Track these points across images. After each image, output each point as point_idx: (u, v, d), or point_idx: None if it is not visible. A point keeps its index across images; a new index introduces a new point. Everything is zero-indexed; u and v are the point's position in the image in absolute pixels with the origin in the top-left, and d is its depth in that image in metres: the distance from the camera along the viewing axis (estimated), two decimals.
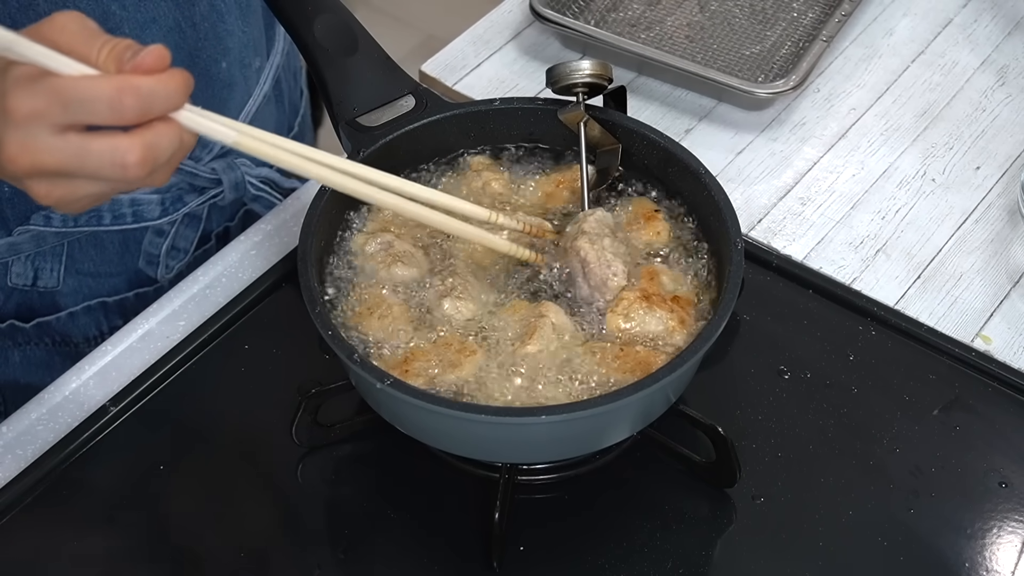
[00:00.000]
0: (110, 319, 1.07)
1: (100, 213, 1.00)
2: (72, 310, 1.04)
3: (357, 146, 0.87)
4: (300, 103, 1.24)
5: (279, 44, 1.13)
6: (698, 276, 0.85)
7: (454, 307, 0.82)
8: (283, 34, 1.14)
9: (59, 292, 1.03)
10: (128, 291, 1.06)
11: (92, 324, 1.06)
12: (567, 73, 0.86)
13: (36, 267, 1.00)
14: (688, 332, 0.81)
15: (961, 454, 0.87)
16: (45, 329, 1.04)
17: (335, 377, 0.83)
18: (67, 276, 1.02)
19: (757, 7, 1.21)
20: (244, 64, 1.05)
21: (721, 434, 0.81)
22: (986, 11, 1.23)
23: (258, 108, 1.09)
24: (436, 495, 0.86)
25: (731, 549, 0.83)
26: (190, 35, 0.97)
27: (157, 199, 1.02)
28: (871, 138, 1.11)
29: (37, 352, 1.06)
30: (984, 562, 0.82)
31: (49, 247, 0.99)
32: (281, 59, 1.14)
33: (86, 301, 1.05)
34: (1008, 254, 1.01)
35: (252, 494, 0.86)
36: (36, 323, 1.04)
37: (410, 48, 2.36)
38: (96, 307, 1.05)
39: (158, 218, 1.03)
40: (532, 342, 0.79)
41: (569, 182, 0.91)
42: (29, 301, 1.03)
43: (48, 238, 0.98)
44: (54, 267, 1.01)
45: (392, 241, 0.86)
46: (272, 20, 1.10)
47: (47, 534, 0.84)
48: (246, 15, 1.03)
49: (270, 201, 1.10)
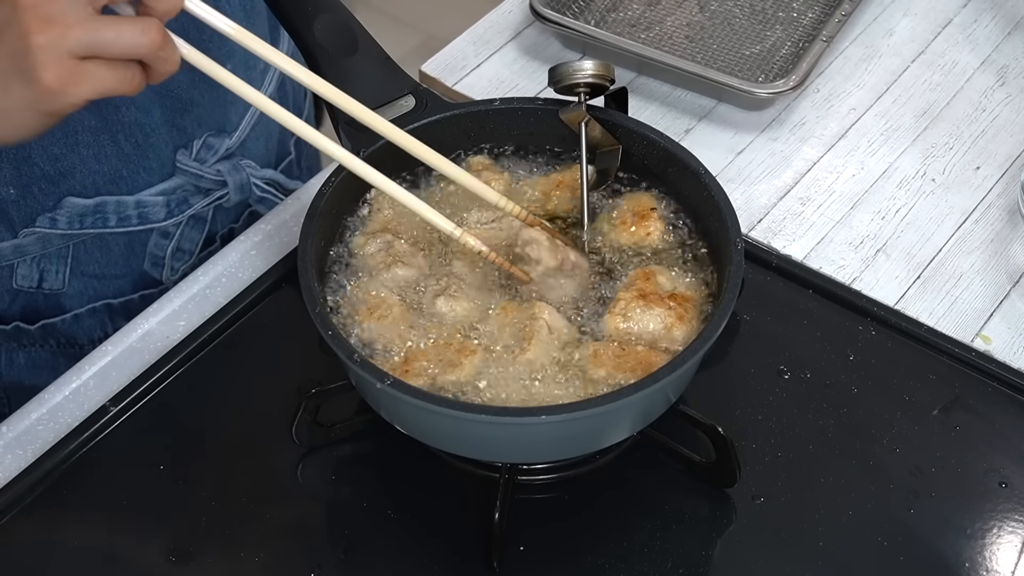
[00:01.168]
0: (115, 321, 1.07)
1: (106, 215, 1.00)
2: (77, 312, 1.04)
3: (357, 146, 0.87)
4: (304, 105, 1.24)
5: (284, 46, 1.13)
6: (695, 273, 0.85)
7: (448, 306, 0.82)
8: (288, 37, 1.14)
9: (64, 294, 1.03)
10: (133, 293, 1.06)
11: (97, 326, 1.06)
12: (570, 73, 0.86)
13: (42, 269, 1.00)
14: (688, 328, 0.81)
15: (961, 454, 0.87)
16: (50, 331, 1.04)
17: (335, 377, 0.83)
18: (72, 278, 1.02)
19: (757, 7, 1.21)
20: (249, 66, 1.05)
21: (721, 434, 0.81)
22: (986, 11, 1.23)
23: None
24: (436, 495, 0.86)
25: (731, 549, 0.83)
26: (194, 36, 0.97)
27: (162, 201, 1.02)
28: (871, 138, 1.11)
29: (42, 354, 1.06)
30: (984, 562, 0.82)
31: (55, 249, 0.99)
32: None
33: (91, 303, 1.05)
34: (1008, 254, 1.01)
35: (252, 494, 0.86)
36: (41, 325, 1.04)
37: (410, 48, 2.36)
38: (101, 309, 1.05)
39: (163, 220, 1.03)
40: (531, 348, 0.79)
41: (569, 182, 0.91)
42: (34, 303, 1.03)
43: (54, 240, 0.98)
44: (59, 269, 1.01)
45: (392, 241, 0.86)
46: (276, 22, 1.10)
47: (47, 534, 0.84)
48: (251, 16, 1.03)
49: (274, 203, 1.10)
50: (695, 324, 0.82)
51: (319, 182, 0.87)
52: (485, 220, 0.88)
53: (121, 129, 0.97)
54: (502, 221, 0.88)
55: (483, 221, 0.88)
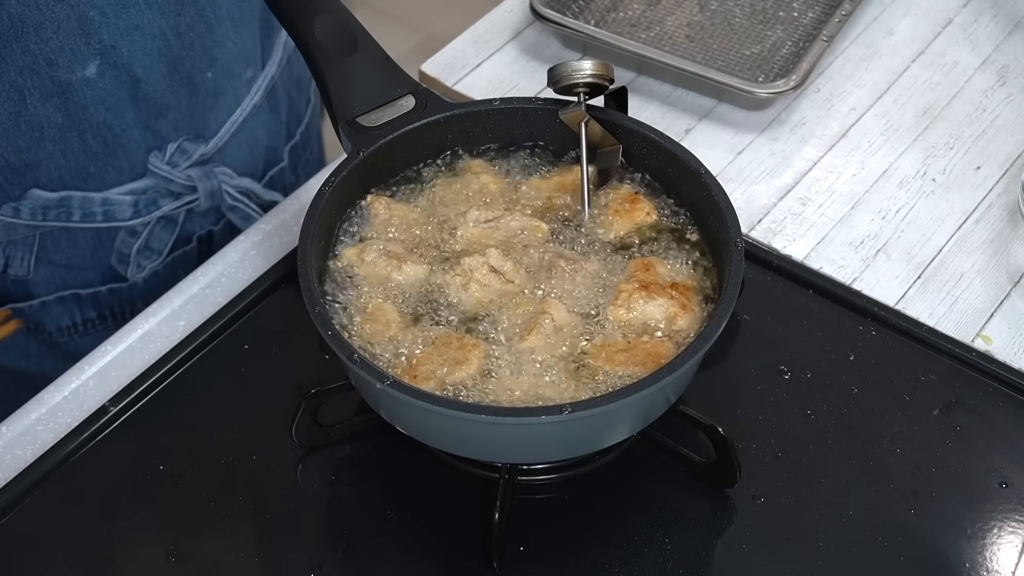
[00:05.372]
0: (84, 311, 1.07)
1: (70, 210, 1.00)
2: (45, 299, 1.05)
3: (357, 146, 0.87)
4: (305, 111, 1.23)
5: (277, 55, 1.13)
6: (692, 261, 0.85)
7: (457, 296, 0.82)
8: (284, 45, 1.14)
9: (31, 281, 1.03)
10: (101, 285, 1.06)
11: (65, 314, 1.06)
12: (569, 73, 0.86)
13: (7, 255, 1.01)
14: (691, 317, 0.81)
15: (961, 454, 0.87)
16: (18, 315, 1.04)
17: (335, 377, 0.83)
18: (39, 266, 1.02)
19: (757, 7, 1.21)
20: (233, 75, 1.05)
21: (721, 434, 0.81)
22: (986, 11, 1.23)
23: (247, 117, 1.09)
24: (436, 495, 0.86)
25: (731, 549, 0.83)
26: (175, 44, 0.97)
27: (130, 200, 1.02)
28: (871, 138, 1.11)
29: (15, 336, 1.06)
30: (984, 562, 0.82)
31: (20, 237, 0.99)
32: (278, 70, 1.14)
33: (59, 291, 1.05)
34: (1008, 254, 1.01)
35: (252, 494, 0.86)
36: (9, 308, 1.04)
37: (410, 48, 2.36)
38: (69, 298, 1.06)
39: (130, 219, 1.03)
40: (531, 337, 0.79)
41: (569, 183, 0.90)
42: (3, 286, 1.03)
43: (19, 228, 0.99)
44: (25, 256, 1.01)
45: (390, 243, 0.86)
46: (270, 31, 1.11)
47: (47, 534, 0.84)
48: (239, 27, 1.03)
49: (247, 212, 1.10)
50: (697, 313, 0.82)
51: (319, 182, 0.87)
52: (484, 220, 0.88)
53: (89, 128, 0.97)
54: (500, 221, 0.87)
55: (481, 221, 0.88)
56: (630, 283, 0.83)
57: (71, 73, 0.94)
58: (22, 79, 0.93)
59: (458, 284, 0.83)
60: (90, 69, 0.94)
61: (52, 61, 0.92)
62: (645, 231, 0.87)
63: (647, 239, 0.87)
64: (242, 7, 1.03)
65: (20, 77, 0.93)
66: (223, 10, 1.00)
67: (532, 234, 0.87)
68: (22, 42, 0.91)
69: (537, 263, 0.85)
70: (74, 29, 0.91)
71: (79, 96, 0.95)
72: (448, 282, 0.84)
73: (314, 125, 1.27)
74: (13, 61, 0.92)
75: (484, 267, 0.84)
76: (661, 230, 0.88)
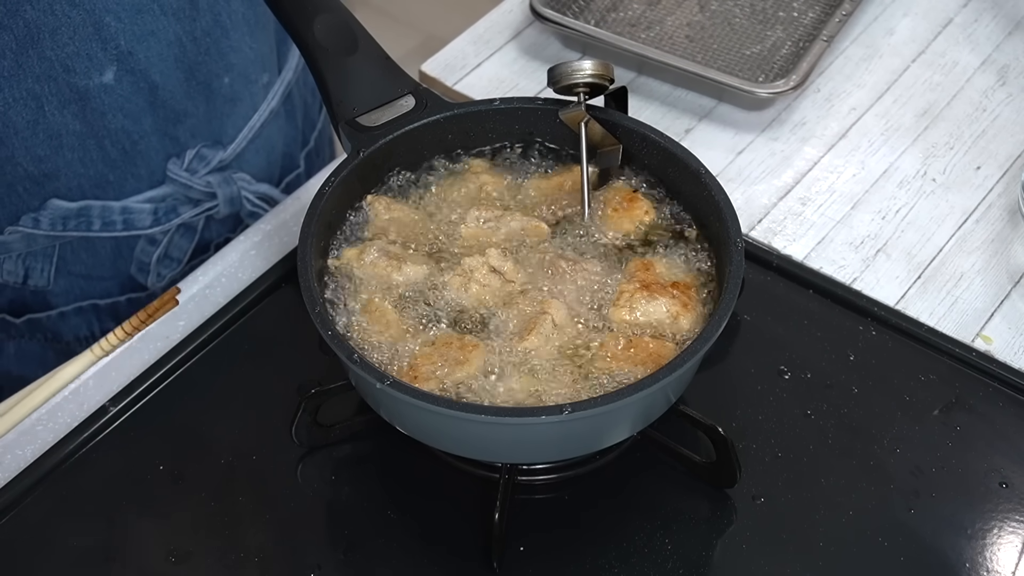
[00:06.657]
0: (102, 321, 1.07)
1: (90, 219, 1.00)
2: (63, 310, 1.04)
3: (357, 146, 0.87)
4: (319, 117, 1.23)
5: (293, 60, 1.13)
6: (692, 261, 0.85)
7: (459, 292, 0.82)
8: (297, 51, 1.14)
9: (50, 291, 1.03)
10: (120, 295, 1.06)
11: (83, 324, 1.06)
12: (569, 73, 0.86)
13: (27, 266, 1.00)
14: (693, 316, 0.81)
15: (961, 454, 0.87)
16: (36, 325, 1.05)
17: (335, 377, 0.83)
18: (59, 276, 1.02)
19: (757, 7, 1.21)
20: (250, 80, 1.04)
21: (721, 434, 0.81)
22: (986, 11, 1.23)
23: (264, 123, 1.09)
24: (436, 495, 0.86)
25: (731, 549, 0.83)
26: (190, 49, 0.97)
27: (150, 208, 1.02)
28: (871, 138, 1.11)
29: (31, 346, 1.06)
30: (984, 562, 0.82)
31: (40, 248, 0.99)
32: (294, 75, 1.13)
33: (77, 302, 1.05)
34: (1008, 254, 1.01)
35: (252, 494, 0.86)
36: (27, 319, 1.04)
37: (410, 48, 2.36)
38: (88, 308, 1.05)
39: (149, 227, 1.03)
40: (531, 337, 0.79)
41: (569, 183, 0.90)
42: (22, 297, 1.03)
43: (39, 239, 0.99)
44: (44, 267, 1.01)
45: (390, 244, 0.86)
46: (286, 36, 1.11)
47: (47, 534, 0.84)
48: (255, 31, 1.03)
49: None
50: (699, 311, 0.82)
51: (319, 182, 0.87)
52: (484, 220, 0.88)
53: (107, 135, 0.97)
54: (500, 221, 0.87)
55: (481, 221, 0.88)
56: (631, 283, 0.83)
57: (88, 79, 0.93)
58: (39, 86, 0.92)
59: (458, 284, 0.83)
60: (107, 75, 0.94)
61: (69, 67, 0.92)
62: (645, 231, 0.87)
63: (647, 239, 0.87)
64: (257, 11, 1.03)
65: (37, 84, 0.92)
66: (238, 15, 1.00)
67: (532, 234, 0.87)
68: (38, 48, 0.90)
69: (537, 263, 0.85)
70: (90, 35, 0.91)
71: (97, 103, 0.94)
72: (448, 282, 0.84)
73: (327, 131, 1.27)
74: (30, 68, 0.91)
75: (484, 267, 0.84)
76: (661, 230, 0.88)
